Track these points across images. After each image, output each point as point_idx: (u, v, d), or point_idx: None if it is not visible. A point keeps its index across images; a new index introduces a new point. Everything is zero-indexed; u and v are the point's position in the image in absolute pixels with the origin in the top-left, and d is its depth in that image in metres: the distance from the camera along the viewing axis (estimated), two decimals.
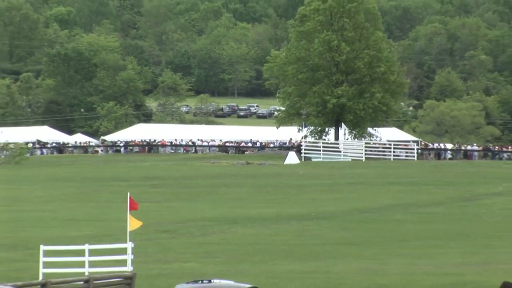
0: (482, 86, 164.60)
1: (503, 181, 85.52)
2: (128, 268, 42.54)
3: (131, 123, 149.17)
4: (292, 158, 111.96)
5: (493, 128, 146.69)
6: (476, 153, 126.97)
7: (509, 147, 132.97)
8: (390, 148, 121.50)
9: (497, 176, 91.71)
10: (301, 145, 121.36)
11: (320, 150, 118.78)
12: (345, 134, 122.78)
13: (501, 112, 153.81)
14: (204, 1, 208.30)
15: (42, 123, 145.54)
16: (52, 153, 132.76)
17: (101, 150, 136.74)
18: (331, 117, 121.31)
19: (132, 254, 43.48)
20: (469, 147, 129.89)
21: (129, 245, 43.64)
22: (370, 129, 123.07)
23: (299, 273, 43.52)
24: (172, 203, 69.67)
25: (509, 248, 50.67)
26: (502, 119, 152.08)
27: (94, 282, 37.69)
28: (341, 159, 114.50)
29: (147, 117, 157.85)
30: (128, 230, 43.05)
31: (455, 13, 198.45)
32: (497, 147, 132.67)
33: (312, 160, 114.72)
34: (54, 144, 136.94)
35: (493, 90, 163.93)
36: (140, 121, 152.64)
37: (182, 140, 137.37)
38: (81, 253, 44.38)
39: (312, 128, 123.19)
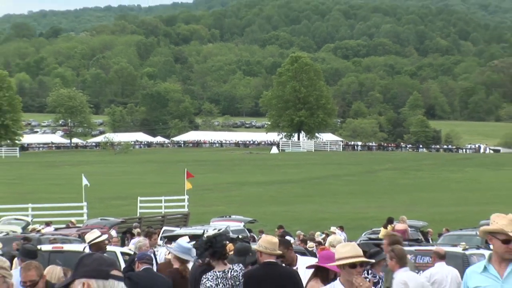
0: (377, 111, 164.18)
1: (389, 162, 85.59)
2: (185, 209, 42.59)
3: (187, 131, 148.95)
4: (274, 150, 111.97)
5: (383, 133, 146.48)
6: (374, 147, 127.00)
7: (392, 144, 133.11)
8: (327, 144, 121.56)
9: (385, 159, 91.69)
10: (279, 143, 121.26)
11: (289, 146, 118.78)
12: (303, 136, 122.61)
13: (388, 125, 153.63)
14: (227, 64, 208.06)
15: (139, 131, 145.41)
16: (144, 147, 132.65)
17: (171, 146, 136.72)
18: (296, 127, 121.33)
19: (187, 202, 43.56)
20: (370, 144, 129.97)
21: (185, 197, 43.71)
22: (317, 134, 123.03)
23: (278, 212, 43.56)
24: (209, 174, 69.54)
25: (392, 200, 50.78)
26: (387, 128, 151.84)
27: (167, 217, 37.71)
28: (301, 151, 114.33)
29: (196, 128, 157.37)
30: (185, 189, 43.08)
31: (362, 71, 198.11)
32: (385, 144, 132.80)
33: (285, 151, 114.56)
34: (145, 142, 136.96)
35: (383, 113, 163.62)
36: (192, 129, 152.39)
37: (215, 140, 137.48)
38: (159, 201, 44.48)
39: (285, 133, 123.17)
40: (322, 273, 7.87)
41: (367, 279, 10.48)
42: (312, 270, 8.26)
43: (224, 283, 8.28)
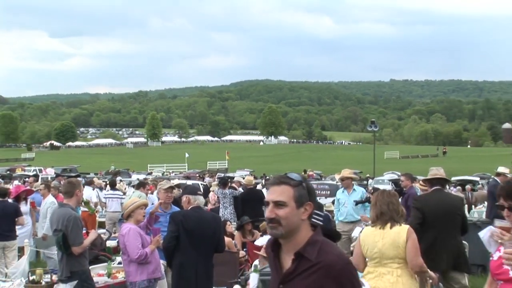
0: (302, 128, 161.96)
1: (306, 148, 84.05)
2: (226, 166, 41.86)
3: (226, 135, 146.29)
4: (262, 143, 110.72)
5: (305, 137, 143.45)
6: (301, 142, 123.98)
7: (308, 141, 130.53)
8: (282, 141, 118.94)
9: (305, 147, 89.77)
10: (264, 140, 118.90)
11: (267, 141, 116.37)
12: (274, 138, 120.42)
13: (307, 133, 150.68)
14: (243, 109, 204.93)
15: (207, 135, 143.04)
16: (209, 142, 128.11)
17: (220, 141, 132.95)
18: (270, 134, 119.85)
19: (227, 163, 42.97)
20: (300, 141, 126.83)
21: (226, 161, 43.16)
22: (279, 137, 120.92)
23: (263, 168, 41.62)
24: (235, 153, 67.88)
25: (308, 162, 48.10)
26: (306, 134, 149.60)
27: (219, 169, 36.67)
28: (272, 143, 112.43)
29: (230, 134, 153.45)
30: (226, 158, 42.52)
31: (296, 112, 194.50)
32: (306, 141, 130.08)
33: (266, 143, 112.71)
34: (210, 140, 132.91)
35: (304, 129, 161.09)
36: (229, 135, 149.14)
37: (238, 139, 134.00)
38: (215, 163, 43.80)
39: (266, 136, 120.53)
40: None
41: None
42: None
43: (224, 195, 7.94)
